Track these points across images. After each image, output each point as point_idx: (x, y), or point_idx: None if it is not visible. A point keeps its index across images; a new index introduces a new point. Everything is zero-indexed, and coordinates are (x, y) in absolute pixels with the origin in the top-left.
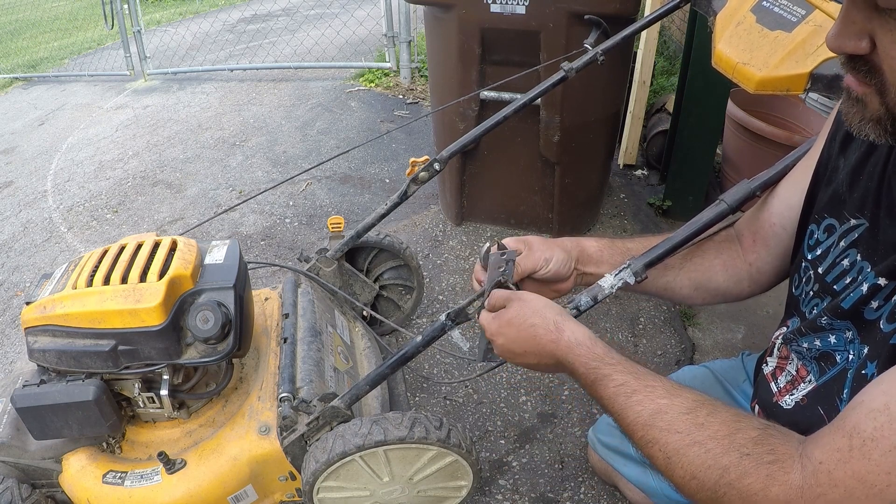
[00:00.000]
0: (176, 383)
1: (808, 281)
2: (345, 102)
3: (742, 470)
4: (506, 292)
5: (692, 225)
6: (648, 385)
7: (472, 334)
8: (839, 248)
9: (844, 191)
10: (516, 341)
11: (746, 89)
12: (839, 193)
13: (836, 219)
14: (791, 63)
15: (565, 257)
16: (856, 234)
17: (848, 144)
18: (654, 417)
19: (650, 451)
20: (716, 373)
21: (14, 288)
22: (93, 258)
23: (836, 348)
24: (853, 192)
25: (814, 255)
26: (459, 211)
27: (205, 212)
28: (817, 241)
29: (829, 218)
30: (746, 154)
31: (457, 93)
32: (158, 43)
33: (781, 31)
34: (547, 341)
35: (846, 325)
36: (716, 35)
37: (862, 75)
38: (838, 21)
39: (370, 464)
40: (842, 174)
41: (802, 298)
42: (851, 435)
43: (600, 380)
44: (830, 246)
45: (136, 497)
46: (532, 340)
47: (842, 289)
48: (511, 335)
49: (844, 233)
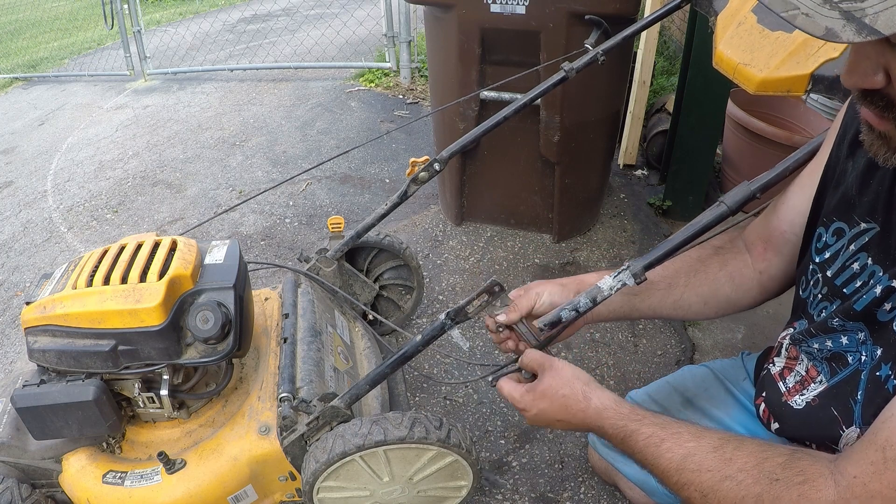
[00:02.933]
0: (176, 383)
1: (817, 284)
2: (345, 102)
3: (774, 495)
4: (538, 356)
5: (692, 227)
6: (675, 432)
7: (472, 334)
8: (849, 252)
9: (854, 194)
10: (548, 412)
11: (747, 90)
12: (849, 197)
13: (846, 222)
14: (792, 64)
15: (560, 289)
16: (866, 238)
17: (857, 148)
18: (685, 461)
19: (687, 494)
20: (716, 372)
21: (14, 288)
22: (93, 258)
23: (848, 349)
24: (863, 196)
25: (822, 259)
26: (459, 211)
27: (205, 212)
28: (826, 245)
29: (838, 221)
30: (746, 154)
31: (457, 93)
32: (158, 43)
33: (783, 31)
34: (577, 410)
35: (858, 326)
36: (717, 35)
37: (879, 110)
38: (851, 57)
39: (370, 464)
40: (850, 178)
41: (810, 301)
42: (885, 448)
43: (629, 436)
44: (840, 249)
45: (136, 497)
46: (563, 410)
47: (852, 292)
48: (543, 406)
49: (854, 237)
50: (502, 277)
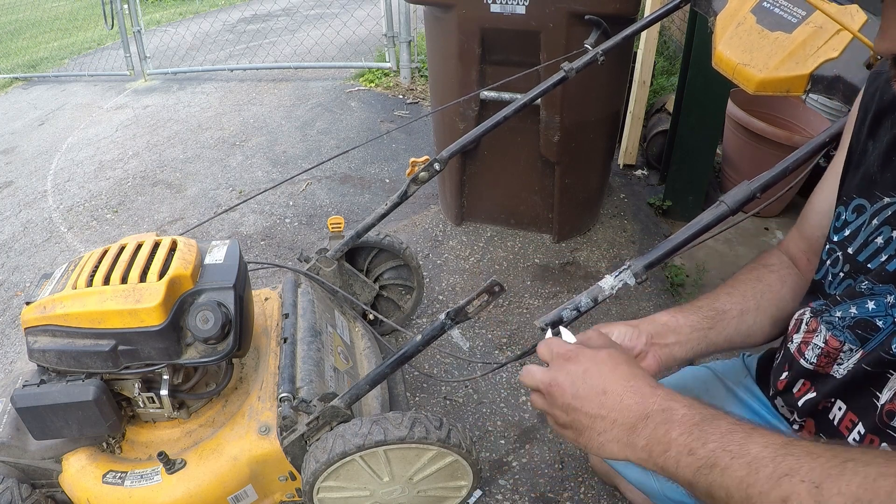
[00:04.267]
0: (176, 383)
1: (836, 262)
2: (345, 102)
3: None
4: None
5: (692, 227)
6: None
7: (472, 334)
8: (871, 227)
9: (876, 171)
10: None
11: (746, 90)
12: (870, 174)
13: (867, 199)
14: (791, 64)
15: (630, 331)
16: (889, 212)
17: (878, 127)
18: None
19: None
20: (716, 372)
21: (14, 288)
22: (93, 258)
23: (876, 314)
24: (886, 171)
25: (841, 237)
26: (459, 211)
27: (205, 212)
28: (845, 223)
29: (859, 198)
30: (746, 154)
31: (457, 93)
32: (158, 43)
33: (782, 32)
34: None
35: (888, 289)
36: (716, 36)
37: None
38: (882, 24)
39: (370, 464)
40: (872, 156)
41: (828, 281)
42: None
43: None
44: (861, 225)
45: (136, 497)
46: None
47: (877, 266)
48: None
49: (877, 211)
50: (502, 277)
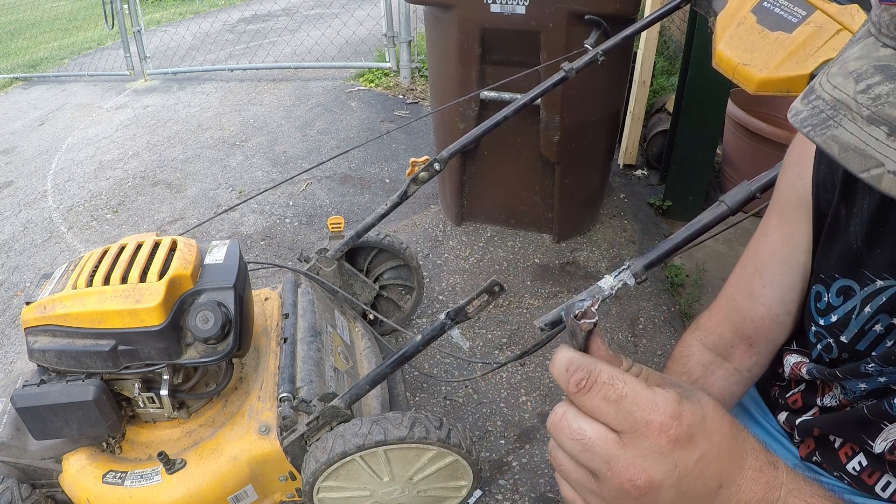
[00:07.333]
0: (176, 383)
1: (829, 349)
2: (345, 102)
3: None
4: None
5: (692, 227)
6: None
7: (472, 334)
8: (865, 315)
9: (860, 246)
10: (703, 461)
11: (747, 90)
12: (853, 249)
13: (855, 280)
14: (791, 64)
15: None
16: (884, 298)
17: (850, 189)
18: None
19: None
20: None
21: (14, 288)
22: (93, 258)
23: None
24: (875, 248)
25: (828, 322)
26: (459, 211)
27: (205, 212)
28: (829, 306)
29: (843, 279)
30: (746, 154)
31: (457, 93)
32: (158, 43)
33: (782, 31)
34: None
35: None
36: (716, 36)
37: None
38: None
39: (370, 464)
40: (852, 226)
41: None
42: None
43: None
44: (851, 312)
45: (136, 497)
46: (733, 462)
47: (884, 350)
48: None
49: (869, 297)
50: (502, 277)
